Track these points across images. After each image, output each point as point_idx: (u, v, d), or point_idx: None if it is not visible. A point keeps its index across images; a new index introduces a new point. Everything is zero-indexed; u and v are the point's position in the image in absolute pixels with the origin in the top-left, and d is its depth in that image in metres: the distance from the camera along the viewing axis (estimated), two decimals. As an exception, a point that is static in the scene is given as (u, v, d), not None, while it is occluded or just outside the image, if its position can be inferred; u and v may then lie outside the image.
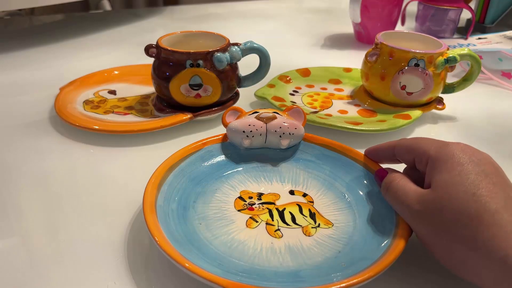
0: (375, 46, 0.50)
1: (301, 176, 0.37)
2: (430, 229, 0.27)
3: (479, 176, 0.26)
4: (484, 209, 0.25)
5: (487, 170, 0.27)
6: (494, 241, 0.24)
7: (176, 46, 0.46)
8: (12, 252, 0.31)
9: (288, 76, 0.57)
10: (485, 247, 0.24)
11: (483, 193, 0.25)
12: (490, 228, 0.24)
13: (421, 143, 0.30)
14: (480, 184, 0.26)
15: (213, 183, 0.36)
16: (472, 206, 0.25)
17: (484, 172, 0.26)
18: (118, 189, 0.38)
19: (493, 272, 0.24)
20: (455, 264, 0.26)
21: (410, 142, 0.31)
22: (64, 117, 0.45)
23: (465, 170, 0.26)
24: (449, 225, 0.25)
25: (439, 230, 0.26)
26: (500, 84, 0.61)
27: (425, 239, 0.28)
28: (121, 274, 0.29)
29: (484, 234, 0.24)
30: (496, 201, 0.25)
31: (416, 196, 0.28)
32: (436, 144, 0.29)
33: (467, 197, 0.25)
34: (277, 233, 0.31)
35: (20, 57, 0.67)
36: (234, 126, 0.38)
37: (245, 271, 0.27)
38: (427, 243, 0.28)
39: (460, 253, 0.25)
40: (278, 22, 0.92)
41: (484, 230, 0.24)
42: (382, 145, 0.34)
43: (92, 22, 0.88)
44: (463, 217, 0.25)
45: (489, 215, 0.24)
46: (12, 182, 0.38)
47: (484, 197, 0.25)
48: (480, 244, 0.24)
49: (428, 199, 0.27)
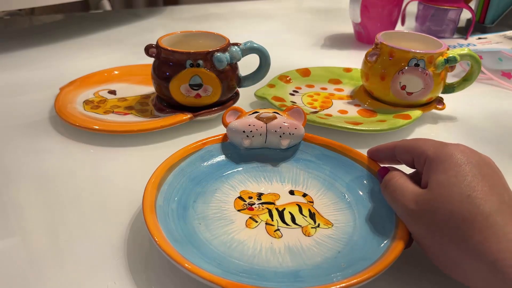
0: (375, 46, 0.50)
1: (301, 176, 0.37)
2: (424, 229, 0.27)
3: (476, 178, 0.26)
4: (478, 212, 0.24)
5: (485, 172, 0.26)
6: (485, 244, 0.24)
7: (176, 46, 0.46)
8: (12, 252, 0.31)
9: (288, 76, 0.57)
10: (476, 250, 0.24)
11: (478, 195, 0.25)
12: (483, 231, 0.24)
13: (420, 143, 0.30)
14: (476, 186, 0.25)
15: (213, 183, 0.36)
16: (466, 208, 0.25)
17: (481, 174, 0.26)
18: (118, 189, 0.38)
19: (482, 275, 0.24)
20: (447, 265, 0.26)
21: (409, 143, 0.31)
22: (64, 117, 0.45)
23: (462, 172, 0.26)
24: (442, 226, 0.25)
25: (432, 230, 0.26)
26: (500, 84, 0.60)
27: (419, 239, 0.28)
28: (121, 274, 0.29)
29: (476, 236, 0.24)
30: (490, 204, 0.25)
31: (413, 195, 0.28)
32: (435, 144, 0.29)
33: (462, 199, 0.25)
34: (276, 233, 0.31)
35: (20, 57, 0.67)
36: (234, 126, 0.38)
37: (245, 271, 0.27)
38: (421, 243, 0.28)
39: (452, 254, 0.25)
40: (278, 22, 0.92)
41: (476, 233, 0.24)
42: (383, 145, 0.34)
43: (92, 22, 0.88)
44: (456, 218, 0.25)
45: (482, 217, 0.24)
46: (12, 182, 0.38)
47: (478, 200, 0.25)
48: (471, 246, 0.24)
49: (423, 199, 0.27)
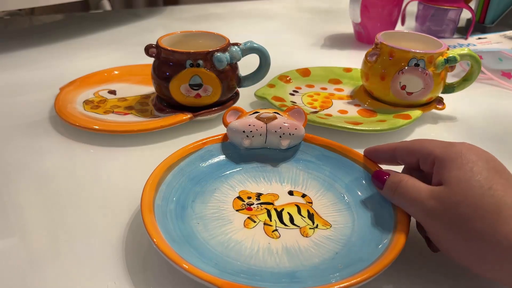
0: (375, 46, 0.50)
1: (300, 176, 0.37)
2: (446, 226, 0.26)
3: (491, 173, 0.26)
4: (502, 203, 0.25)
5: (497, 168, 0.27)
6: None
7: (176, 46, 0.46)
8: (11, 252, 0.31)
9: (288, 76, 0.57)
10: (506, 241, 0.24)
11: (499, 187, 0.25)
12: (510, 221, 0.24)
13: (425, 144, 0.30)
14: (493, 179, 0.26)
15: (212, 183, 0.36)
16: (489, 200, 0.25)
17: (494, 169, 0.26)
18: (118, 189, 0.38)
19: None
20: (473, 261, 0.26)
21: (412, 144, 0.31)
22: (64, 117, 0.45)
23: (476, 167, 0.26)
24: (465, 220, 0.25)
25: (455, 226, 0.26)
26: (500, 84, 0.60)
27: (439, 237, 0.27)
28: (121, 274, 0.29)
29: (504, 227, 0.24)
30: (510, 195, 0.25)
31: (430, 193, 0.27)
32: (441, 144, 0.29)
33: (483, 192, 0.25)
34: (274, 233, 0.31)
35: (20, 57, 0.67)
36: (234, 126, 0.38)
37: (242, 271, 0.27)
38: (442, 241, 0.27)
39: (478, 249, 0.25)
40: (278, 22, 0.92)
41: (504, 223, 0.24)
42: (382, 146, 0.34)
43: (92, 22, 0.88)
44: (480, 211, 0.25)
45: (507, 208, 0.24)
46: (12, 182, 0.38)
47: (499, 191, 0.25)
48: (499, 237, 0.24)
49: (442, 195, 0.27)
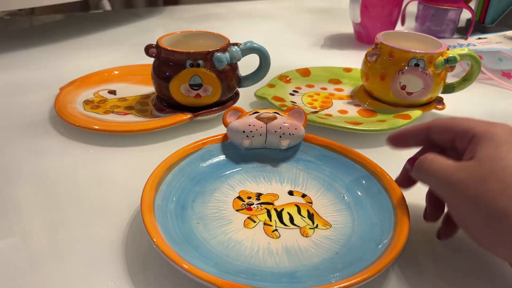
0: (375, 46, 0.50)
1: (300, 176, 0.37)
2: (470, 198, 0.25)
3: None
4: None
5: None
6: None
7: (176, 46, 0.46)
8: (11, 252, 0.31)
9: (288, 76, 0.57)
10: None
11: None
12: None
13: (463, 122, 0.29)
14: None
15: (212, 182, 0.36)
16: None
17: None
18: (118, 189, 0.38)
19: None
20: (491, 240, 0.25)
21: (448, 121, 0.30)
22: (64, 117, 0.45)
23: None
24: (492, 196, 0.24)
25: (479, 200, 0.25)
26: (500, 84, 0.60)
27: (460, 213, 0.26)
28: (121, 274, 0.29)
29: None
30: None
31: (457, 165, 0.27)
32: (482, 123, 0.29)
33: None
34: (274, 233, 0.31)
35: (20, 57, 0.67)
36: (234, 126, 0.38)
37: (242, 271, 0.27)
38: (462, 217, 0.26)
39: (499, 227, 0.24)
40: (278, 22, 0.92)
41: None
42: (410, 129, 0.33)
43: (92, 22, 0.88)
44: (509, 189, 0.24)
45: None
46: (12, 182, 0.38)
47: None
48: None
49: (471, 168, 0.26)
